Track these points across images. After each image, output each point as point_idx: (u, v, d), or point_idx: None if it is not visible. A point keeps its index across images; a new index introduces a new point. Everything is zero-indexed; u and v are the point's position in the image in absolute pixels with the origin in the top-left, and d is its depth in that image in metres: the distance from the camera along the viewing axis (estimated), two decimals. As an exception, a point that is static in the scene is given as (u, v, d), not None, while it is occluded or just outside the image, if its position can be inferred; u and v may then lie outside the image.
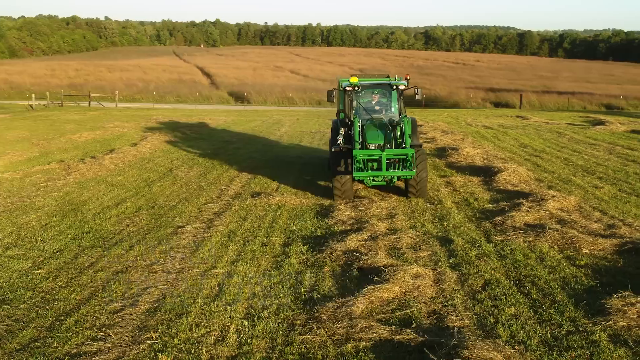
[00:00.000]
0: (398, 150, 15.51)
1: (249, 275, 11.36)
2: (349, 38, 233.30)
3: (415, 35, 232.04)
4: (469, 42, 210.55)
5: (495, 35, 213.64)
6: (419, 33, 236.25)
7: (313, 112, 50.22)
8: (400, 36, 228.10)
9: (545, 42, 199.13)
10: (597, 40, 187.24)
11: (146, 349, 8.61)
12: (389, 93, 18.29)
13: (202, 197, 17.60)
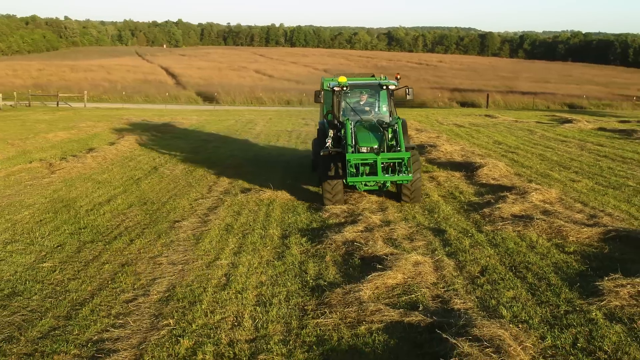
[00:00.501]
0: (394, 154, 14.78)
1: (253, 265, 11.74)
2: (313, 39, 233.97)
3: (378, 36, 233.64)
4: (431, 43, 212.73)
5: (457, 36, 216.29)
6: (382, 34, 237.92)
7: (284, 112, 50.62)
8: (364, 37, 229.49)
9: (506, 43, 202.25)
10: (557, 42, 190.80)
11: (166, 335, 8.94)
12: (378, 93, 17.63)
13: (192, 194, 17.89)
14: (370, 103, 17.64)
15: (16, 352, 8.54)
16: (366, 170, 15.25)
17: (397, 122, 15.44)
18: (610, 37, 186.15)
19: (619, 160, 22.34)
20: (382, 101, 17.60)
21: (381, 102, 17.63)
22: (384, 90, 17.17)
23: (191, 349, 8.53)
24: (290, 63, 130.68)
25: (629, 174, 19.51)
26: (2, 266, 11.93)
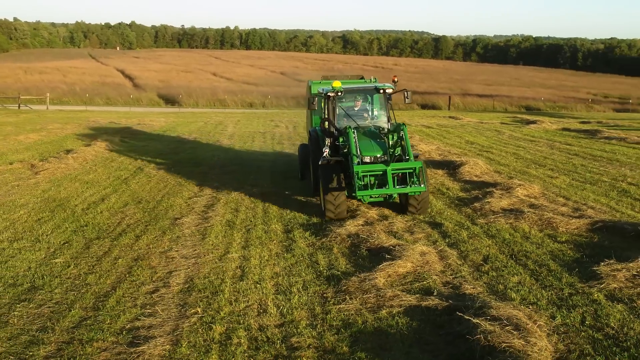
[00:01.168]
0: (405, 163, 13.84)
1: (264, 258, 12.21)
2: (268, 41, 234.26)
3: (333, 39, 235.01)
4: (386, 46, 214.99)
5: (412, 40, 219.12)
6: (337, 37, 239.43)
7: (250, 114, 50.93)
8: (319, 40, 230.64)
9: (459, 47, 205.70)
10: (508, 45, 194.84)
11: (197, 322, 9.37)
12: (373, 97, 16.68)
13: (184, 192, 18.24)
14: (366, 108, 16.64)
15: (54, 340, 8.87)
16: (371, 181, 14.12)
17: (403, 128, 14.39)
18: (560, 41, 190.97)
19: (590, 158, 23.42)
20: (379, 106, 16.65)
21: (377, 107, 16.68)
22: (381, 94, 16.18)
23: (224, 334, 8.97)
24: (247, 66, 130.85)
25: (601, 170, 20.51)
26: (14, 262, 12.17)
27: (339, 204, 14.22)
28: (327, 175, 14.52)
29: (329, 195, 14.29)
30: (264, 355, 8.30)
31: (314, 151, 16.34)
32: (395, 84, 16.69)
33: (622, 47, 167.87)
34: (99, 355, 8.39)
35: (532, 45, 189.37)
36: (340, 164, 14.86)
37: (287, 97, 69.01)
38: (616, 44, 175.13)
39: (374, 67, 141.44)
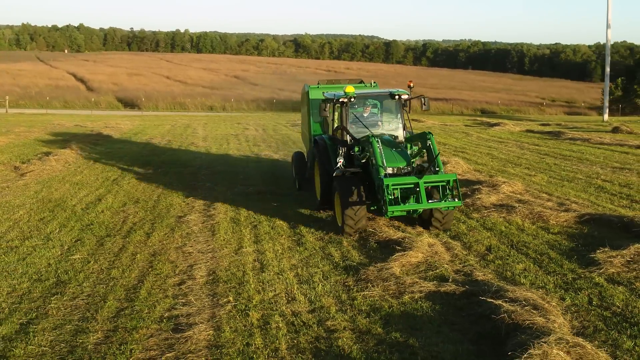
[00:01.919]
0: (439, 176, 12.84)
1: (278, 251, 12.82)
2: (219, 45, 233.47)
3: (285, 43, 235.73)
4: (337, 50, 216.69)
5: (363, 44, 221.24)
6: (289, 41, 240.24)
7: (215, 117, 51.20)
8: (271, 44, 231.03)
9: (409, 51, 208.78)
10: (458, 50, 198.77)
11: (232, 309, 9.93)
12: (388, 104, 15.59)
13: (179, 192, 18.69)
14: (377, 115, 15.60)
15: (99, 329, 9.33)
16: (395, 194, 12.90)
17: (430, 137, 13.44)
18: (507, 46, 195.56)
19: (560, 157, 24.62)
20: (393, 113, 15.51)
21: (392, 114, 15.55)
22: (396, 100, 15.21)
23: (262, 319, 9.56)
24: (200, 69, 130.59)
25: (574, 169, 21.65)
26: (32, 259, 12.51)
27: (359, 219, 13.23)
28: (346, 188, 13.46)
29: (349, 210, 13.13)
30: (304, 337, 8.91)
31: (323, 161, 15.20)
32: (411, 90, 15.60)
33: (567, 52, 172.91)
34: (147, 341, 8.89)
35: (480, 50, 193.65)
36: (359, 176, 13.94)
37: (247, 101, 69.46)
38: (561, 49, 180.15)
39: (327, 71, 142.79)
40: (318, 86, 17.79)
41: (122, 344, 8.80)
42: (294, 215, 15.68)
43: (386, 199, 12.37)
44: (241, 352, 8.46)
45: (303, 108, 18.90)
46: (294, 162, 18.96)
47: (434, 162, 13.10)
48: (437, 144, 29.08)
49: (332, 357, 8.30)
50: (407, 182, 12.67)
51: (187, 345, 8.69)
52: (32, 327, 9.37)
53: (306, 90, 17.95)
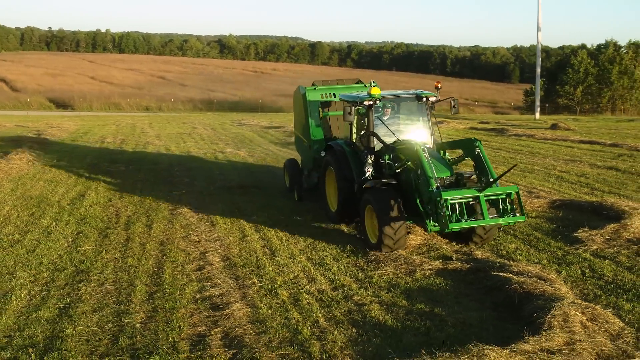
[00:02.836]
0: (500, 188, 11.64)
1: (282, 238, 13.54)
2: (142, 45, 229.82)
3: (209, 44, 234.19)
4: (263, 52, 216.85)
5: (288, 45, 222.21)
6: (213, 41, 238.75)
7: (156, 117, 51.09)
8: (195, 44, 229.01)
9: (334, 53, 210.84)
10: (382, 52, 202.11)
11: (260, 290, 10.62)
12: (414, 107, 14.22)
13: (160, 187, 19.10)
14: (404, 119, 14.29)
15: (138, 310, 9.86)
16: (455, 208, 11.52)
17: (478, 145, 12.27)
18: (430, 48, 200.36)
19: (513, 152, 26.09)
20: (418, 116, 14.22)
21: (417, 117, 14.24)
22: (423, 103, 13.98)
23: (291, 297, 10.30)
24: (125, 70, 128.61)
25: (530, 161, 23.09)
26: (41, 251, 12.82)
27: (400, 237, 11.96)
28: (383, 201, 12.16)
29: (388, 227, 11.84)
30: (337, 310, 9.70)
31: (342, 170, 13.93)
32: (438, 91, 14.37)
33: (487, 54, 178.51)
34: (190, 319, 9.49)
35: (404, 51, 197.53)
36: (395, 187, 12.55)
37: (183, 102, 69.36)
38: (481, 51, 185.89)
39: (254, 72, 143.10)
40: (315, 88, 16.75)
41: (168, 322, 9.37)
42: (284, 207, 16.39)
43: (446, 215, 11.00)
44: (284, 325, 9.17)
45: (298, 112, 17.42)
46: (288, 169, 17.84)
47: (487, 172, 11.88)
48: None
49: (370, 326, 9.11)
50: (466, 195, 11.38)
51: (231, 321, 9.34)
52: (72, 310, 9.81)
53: (302, 93, 16.63)
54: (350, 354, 8.22)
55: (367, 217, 12.78)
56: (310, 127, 16.35)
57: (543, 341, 8.04)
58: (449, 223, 10.99)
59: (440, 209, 11.08)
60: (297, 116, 17.74)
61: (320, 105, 16.60)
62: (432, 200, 11.38)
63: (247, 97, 75.71)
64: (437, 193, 11.19)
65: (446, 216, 11.02)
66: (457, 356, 7.77)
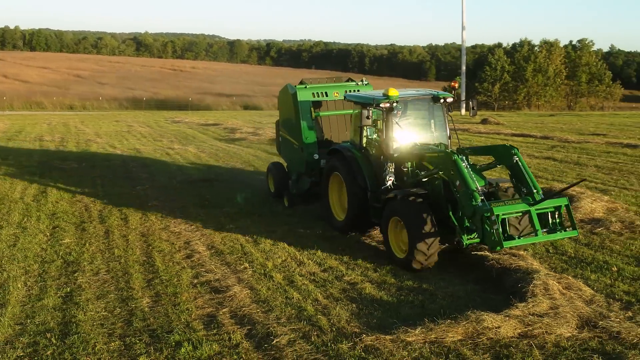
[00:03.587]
0: (552, 200, 10.61)
1: (260, 226, 14.13)
2: (55, 43, 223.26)
3: (125, 42, 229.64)
4: (180, 49, 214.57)
5: (206, 43, 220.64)
6: (128, 39, 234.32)
7: (86, 116, 50.34)
8: (110, 42, 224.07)
9: (254, 51, 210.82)
10: (301, 50, 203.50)
11: (254, 274, 11.18)
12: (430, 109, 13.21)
13: (120, 183, 19.29)
14: (420, 122, 13.24)
15: (142, 295, 10.29)
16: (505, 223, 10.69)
17: (516, 152, 11.30)
18: (349, 46, 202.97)
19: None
20: (436, 119, 13.24)
21: (434, 120, 13.25)
22: (440, 104, 13.07)
23: (286, 279, 10.93)
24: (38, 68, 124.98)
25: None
26: (22, 245, 12.98)
27: (432, 253, 10.96)
28: (414, 213, 11.11)
29: (421, 243, 10.83)
30: (333, 289, 10.41)
31: (353, 176, 12.93)
32: (455, 91, 13.69)
33: (404, 52, 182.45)
34: (196, 302, 10.01)
35: (323, 50, 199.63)
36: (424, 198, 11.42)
37: (109, 100, 68.34)
38: (398, 49, 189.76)
39: (172, 70, 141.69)
40: (305, 86, 15.60)
41: (175, 305, 9.86)
42: (252, 198, 16.92)
43: (499, 232, 10.00)
44: (287, 304, 9.80)
45: (286, 112, 16.15)
46: (273, 174, 16.87)
47: (528, 183, 10.96)
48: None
49: (367, 301, 9.86)
50: (517, 209, 10.48)
51: (235, 302, 9.91)
52: (76, 298, 10.16)
53: (292, 92, 15.46)
54: (357, 325, 8.93)
55: (391, 229, 11.69)
56: (303, 128, 15.18)
57: (530, 306, 9.02)
58: (504, 242, 9.98)
59: (490, 225, 10.06)
60: (284, 116, 16.38)
61: (311, 105, 15.43)
62: (476, 214, 10.31)
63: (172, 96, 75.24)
64: (485, 208, 10.18)
65: (499, 234, 9.98)
66: (457, 322, 8.63)
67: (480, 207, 10.26)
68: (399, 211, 11.39)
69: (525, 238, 10.56)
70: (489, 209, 10.11)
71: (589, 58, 77.81)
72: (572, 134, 28.74)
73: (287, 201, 15.92)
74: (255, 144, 27.94)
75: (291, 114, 15.67)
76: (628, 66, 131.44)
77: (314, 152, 15.11)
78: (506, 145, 11.69)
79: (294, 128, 15.57)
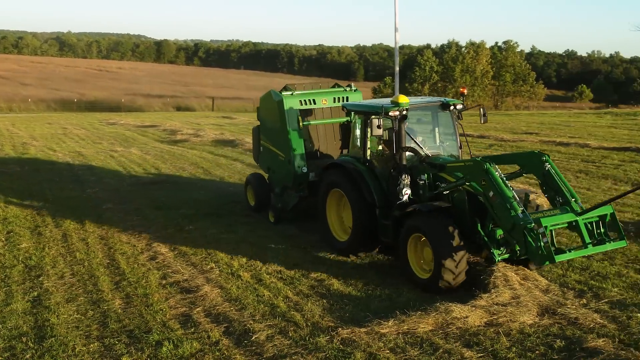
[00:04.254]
0: (599, 210, 9.88)
1: (219, 227, 14.33)
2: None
3: (47, 41, 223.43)
4: (106, 50, 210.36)
5: (133, 43, 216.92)
6: (51, 39, 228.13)
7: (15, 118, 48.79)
8: (32, 42, 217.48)
9: (181, 51, 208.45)
10: (230, 50, 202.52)
11: (221, 274, 11.40)
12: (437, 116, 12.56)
13: (69, 185, 19.07)
14: (429, 130, 12.71)
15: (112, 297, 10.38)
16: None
17: (547, 159, 10.43)
18: (277, 47, 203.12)
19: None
20: (445, 128, 12.66)
21: (444, 128, 12.68)
22: (449, 112, 12.30)
23: (254, 278, 11.18)
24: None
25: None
26: (-23, 251, 12.80)
27: (461, 270, 10.15)
28: (439, 229, 10.30)
29: (449, 261, 10.02)
30: (302, 286, 10.74)
31: (361, 191, 11.86)
32: (464, 98, 13.06)
33: (332, 53, 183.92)
34: (168, 302, 10.17)
35: (252, 50, 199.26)
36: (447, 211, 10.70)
37: (36, 102, 66.62)
38: (327, 50, 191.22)
39: (98, 71, 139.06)
40: (292, 93, 14.49)
41: (148, 306, 10.01)
42: (207, 200, 16.98)
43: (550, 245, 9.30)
44: (259, 301, 10.09)
45: (270, 121, 14.99)
46: (253, 186, 15.77)
47: (563, 191, 10.11)
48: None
49: (337, 297, 10.23)
50: (564, 220, 9.79)
51: (207, 301, 10.14)
52: (45, 302, 10.18)
53: (277, 99, 14.30)
54: (331, 320, 9.29)
55: (410, 248, 10.83)
56: (291, 139, 14.07)
57: (494, 297, 9.60)
58: (556, 256, 9.23)
59: (537, 238, 9.25)
60: (266, 125, 15.19)
61: (299, 114, 14.32)
62: (516, 227, 9.51)
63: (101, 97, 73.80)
64: (528, 219, 9.43)
65: (550, 247, 9.24)
66: (427, 313, 9.12)
67: (522, 219, 9.46)
68: (422, 227, 10.52)
69: (576, 251, 9.80)
70: (534, 221, 9.35)
71: (514, 59, 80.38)
72: (507, 133, 29.82)
73: (273, 217, 14.73)
74: (199, 146, 27.93)
75: (276, 123, 14.49)
76: (548, 67, 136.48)
77: (302, 165, 14.02)
78: (535, 152, 10.82)
79: (280, 138, 14.46)
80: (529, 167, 10.95)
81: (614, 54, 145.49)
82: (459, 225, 10.32)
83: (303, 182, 14.10)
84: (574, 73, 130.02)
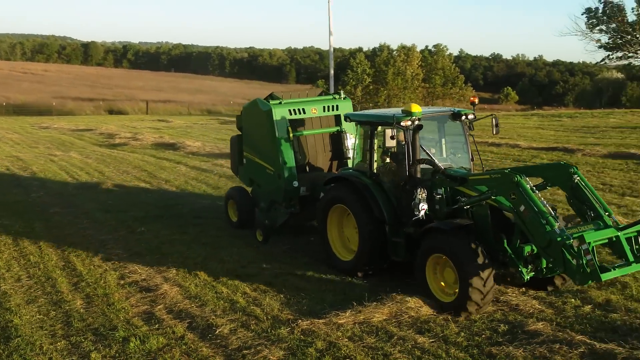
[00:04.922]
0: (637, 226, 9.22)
1: (172, 229, 14.57)
2: None
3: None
4: (30, 52, 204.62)
5: (58, 45, 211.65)
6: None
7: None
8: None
9: (110, 53, 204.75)
10: (159, 52, 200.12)
11: (179, 273, 11.69)
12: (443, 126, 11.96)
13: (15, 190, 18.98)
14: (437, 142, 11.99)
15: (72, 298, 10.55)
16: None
17: (576, 171, 9.68)
18: (208, 49, 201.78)
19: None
20: (457, 138, 12.10)
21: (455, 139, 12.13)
22: (461, 122, 11.68)
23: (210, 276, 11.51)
24: None
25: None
26: None
27: (489, 289, 9.47)
28: (463, 247, 9.62)
29: (476, 279, 9.31)
30: (258, 283, 11.13)
31: (368, 207, 11.14)
32: (474, 107, 12.00)
33: (264, 55, 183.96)
34: (129, 300, 10.41)
35: (182, 52, 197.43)
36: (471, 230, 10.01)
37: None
38: (258, 52, 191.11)
39: (23, 73, 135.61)
40: (280, 102, 13.50)
41: (109, 305, 10.25)
42: (155, 202, 17.24)
43: (595, 263, 8.48)
44: (219, 298, 10.47)
45: (256, 131, 14.04)
46: (236, 201, 14.71)
47: (595, 205, 9.48)
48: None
49: (294, 291, 10.65)
50: (605, 236, 9.09)
51: (168, 299, 10.45)
52: (5, 304, 10.29)
53: (266, 109, 13.34)
54: (290, 313, 9.75)
55: (429, 269, 10.10)
56: (281, 151, 13.14)
57: (442, 287, 10.20)
58: (602, 274, 8.46)
59: (579, 255, 8.54)
60: (251, 136, 14.24)
61: (288, 124, 13.39)
62: (553, 244, 8.85)
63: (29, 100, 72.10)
64: (566, 235, 8.77)
65: (595, 265, 8.43)
66: (383, 303, 9.68)
67: (559, 235, 8.80)
68: (443, 247, 9.84)
69: (620, 269, 8.93)
70: (574, 237, 8.61)
71: (444, 62, 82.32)
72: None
73: (261, 236, 13.54)
74: (139, 149, 27.94)
75: (263, 134, 13.52)
76: (475, 69, 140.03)
77: (293, 179, 13.12)
78: (562, 164, 10.19)
79: (268, 151, 13.47)
80: (553, 180, 10.17)
81: (538, 57, 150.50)
82: (480, 243, 9.70)
83: (294, 197, 13.28)
84: (499, 76, 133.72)
